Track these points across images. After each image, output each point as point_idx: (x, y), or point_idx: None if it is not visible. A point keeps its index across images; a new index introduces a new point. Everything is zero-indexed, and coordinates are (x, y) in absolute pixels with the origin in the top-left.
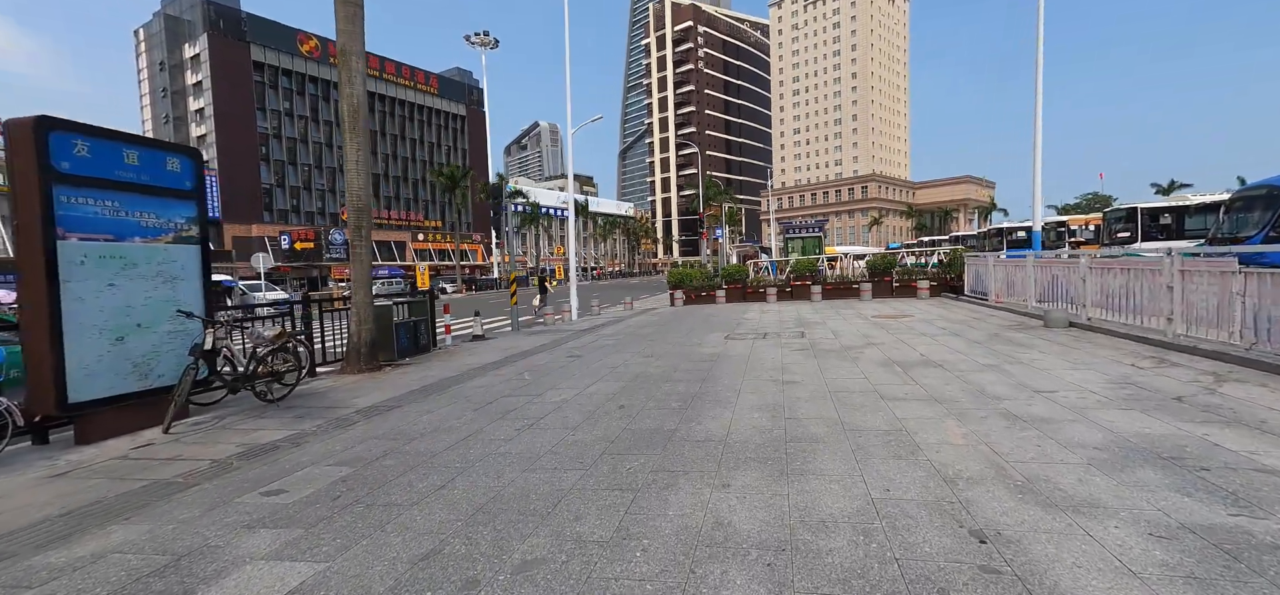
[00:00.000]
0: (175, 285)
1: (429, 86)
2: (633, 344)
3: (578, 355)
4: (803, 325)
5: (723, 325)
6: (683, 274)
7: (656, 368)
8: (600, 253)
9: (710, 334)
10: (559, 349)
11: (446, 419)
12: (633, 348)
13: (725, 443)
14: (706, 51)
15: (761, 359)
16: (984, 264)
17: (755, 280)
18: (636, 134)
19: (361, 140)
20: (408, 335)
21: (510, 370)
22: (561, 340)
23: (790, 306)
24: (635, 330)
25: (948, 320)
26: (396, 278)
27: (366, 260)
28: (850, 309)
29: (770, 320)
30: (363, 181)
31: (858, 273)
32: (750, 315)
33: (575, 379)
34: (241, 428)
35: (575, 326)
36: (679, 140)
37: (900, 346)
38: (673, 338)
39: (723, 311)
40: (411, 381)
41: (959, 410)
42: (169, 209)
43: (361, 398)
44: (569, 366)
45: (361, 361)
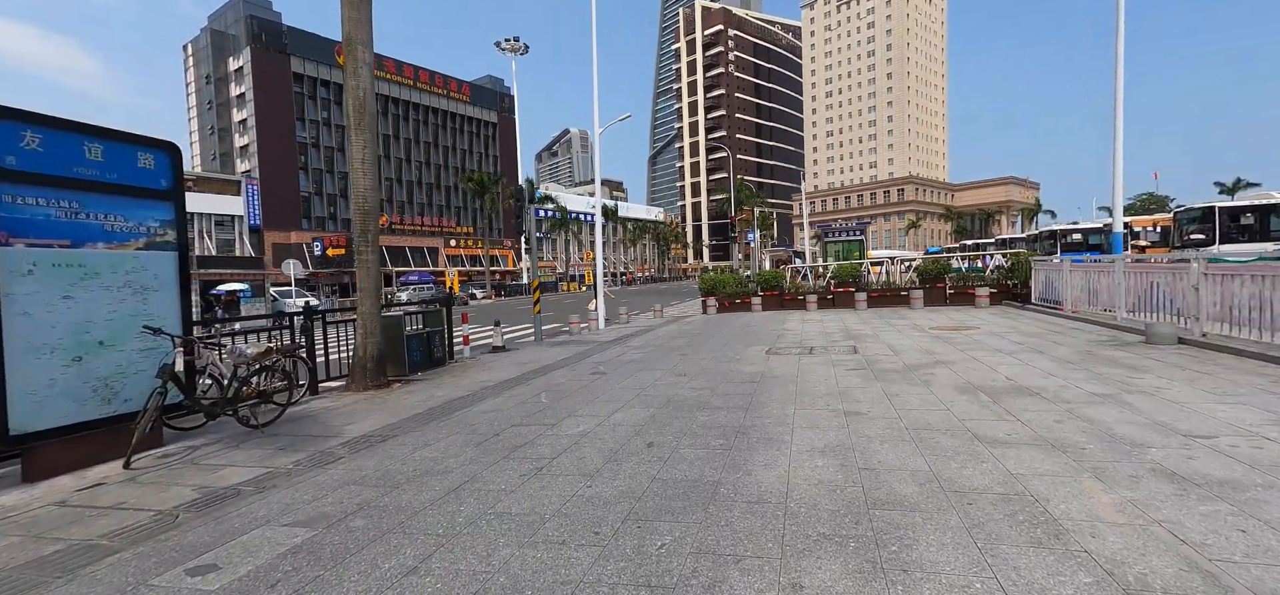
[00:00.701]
0: (146, 297)
1: (461, 94)
2: (663, 359)
3: (602, 373)
4: (852, 338)
5: (762, 337)
6: (715, 280)
7: (691, 390)
8: (629, 258)
9: (749, 347)
10: (582, 364)
11: (443, 456)
12: (663, 364)
13: (785, 506)
14: (737, 55)
15: (813, 381)
16: (1056, 269)
17: (793, 287)
18: (666, 139)
19: (368, 137)
20: (420, 348)
21: (526, 390)
22: (585, 353)
23: (833, 316)
24: (666, 342)
25: (1021, 334)
26: (427, 283)
27: (374, 267)
28: (902, 319)
29: (814, 332)
30: (370, 182)
31: (907, 278)
32: (791, 326)
33: (597, 404)
34: (211, 462)
35: (601, 337)
36: (709, 144)
37: (976, 367)
38: (707, 352)
39: (759, 321)
40: (416, 403)
41: (1092, 463)
42: (141, 211)
43: (356, 423)
44: (591, 387)
45: (367, 378)
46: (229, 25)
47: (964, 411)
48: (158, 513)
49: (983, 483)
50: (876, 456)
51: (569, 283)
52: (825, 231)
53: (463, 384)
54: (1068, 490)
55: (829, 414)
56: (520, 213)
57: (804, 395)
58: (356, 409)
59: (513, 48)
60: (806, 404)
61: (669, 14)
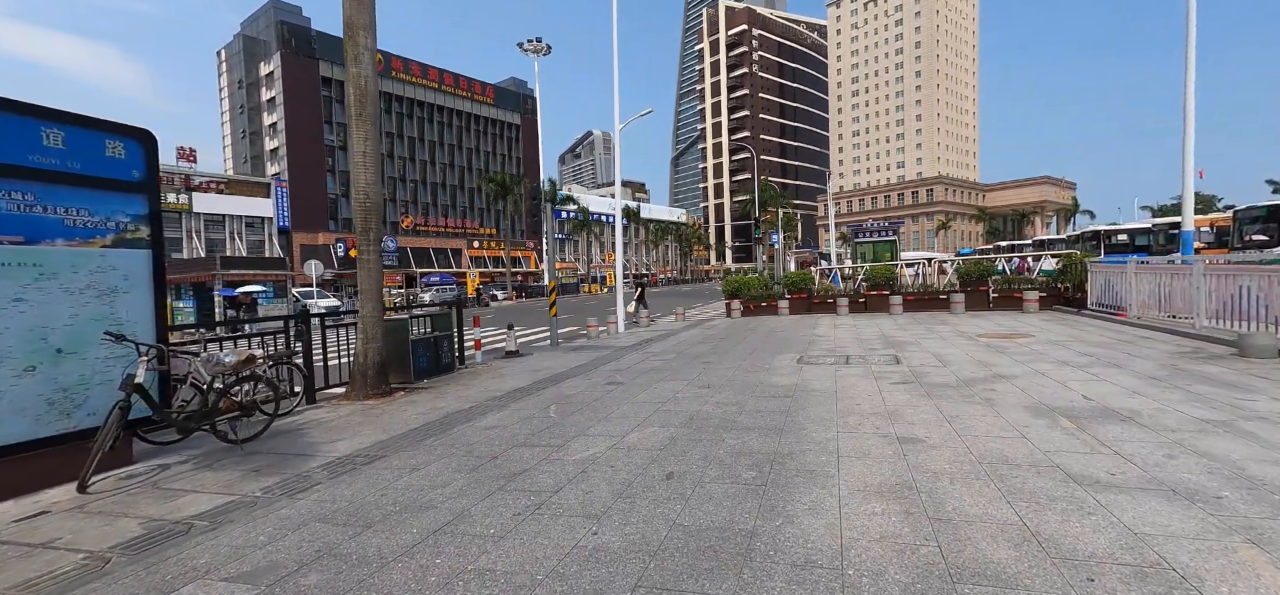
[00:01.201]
0: (114, 300)
1: (485, 97)
2: (685, 367)
3: (618, 383)
4: (893, 346)
5: (791, 343)
6: (740, 282)
7: (716, 406)
8: (651, 259)
9: (779, 355)
10: (597, 372)
11: (429, 486)
12: (685, 373)
13: (841, 574)
14: (761, 55)
15: (856, 396)
16: (1117, 272)
17: (822, 290)
18: (689, 140)
19: (370, 129)
20: (427, 353)
21: (535, 402)
22: (602, 360)
23: (867, 321)
24: (688, 347)
25: (1087, 343)
26: (448, 284)
27: (375, 268)
28: (944, 325)
29: (847, 337)
30: (372, 176)
31: (946, 281)
32: (822, 331)
33: (611, 421)
34: (175, 486)
35: (619, 342)
36: (732, 145)
37: (1044, 382)
38: (733, 359)
39: (788, 325)
40: (414, 416)
41: (1241, 521)
42: (109, 204)
43: (345, 440)
44: (605, 400)
45: (367, 387)
46: (260, 31)
47: (1045, 441)
48: (88, 555)
49: (1100, 545)
50: (949, 501)
51: (591, 284)
52: (856, 232)
53: (468, 394)
54: (1222, 564)
55: (879, 440)
56: (536, 209)
57: (847, 415)
58: (350, 422)
59: (535, 49)
60: (851, 426)
61: (692, 16)
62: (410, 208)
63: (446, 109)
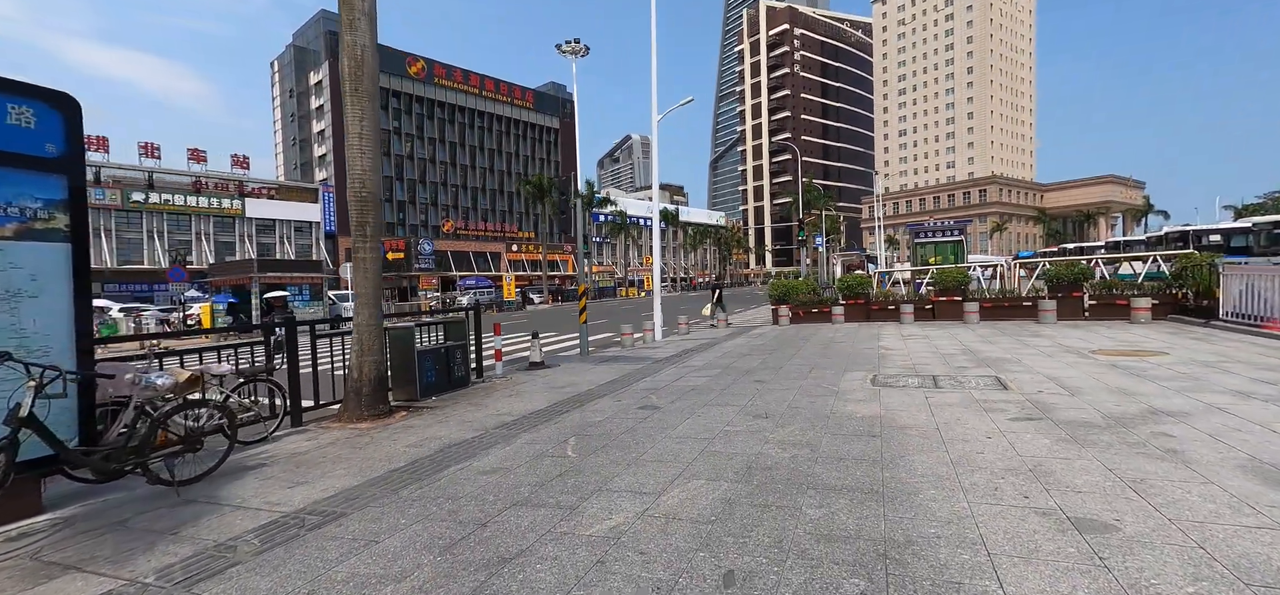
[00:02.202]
0: (17, 305)
1: (525, 101)
2: (735, 387)
3: (653, 406)
4: (985, 364)
5: (856, 358)
6: (788, 286)
7: (781, 447)
8: (690, 263)
9: (846, 373)
10: (630, 390)
11: (380, 578)
12: (735, 394)
13: None
14: (803, 54)
15: (971, 439)
16: (1265, 274)
17: (882, 295)
18: (728, 143)
19: (367, 105)
20: (436, 366)
21: (551, 434)
22: (635, 374)
23: (941, 331)
24: (734, 360)
25: (1248, 364)
26: (485, 288)
27: (373, 268)
28: (1039, 337)
29: (922, 351)
30: (369, 162)
31: (1030, 285)
32: (889, 343)
33: (643, 466)
34: (54, 558)
35: (656, 351)
36: (773, 147)
37: (1233, 423)
38: (790, 377)
39: (845, 335)
40: (402, 448)
41: None
42: (12, 184)
43: (306, 485)
44: (637, 431)
45: (362, 407)
46: (310, 41)
47: None
48: None
49: None
50: None
51: (628, 288)
52: (916, 232)
53: (476, 417)
54: None
55: (1042, 523)
56: (565, 206)
57: (971, 469)
58: (326, 455)
59: (573, 50)
60: (986, 491)
61: (732, 17)
62: (451, 212)
63: (487, 114)
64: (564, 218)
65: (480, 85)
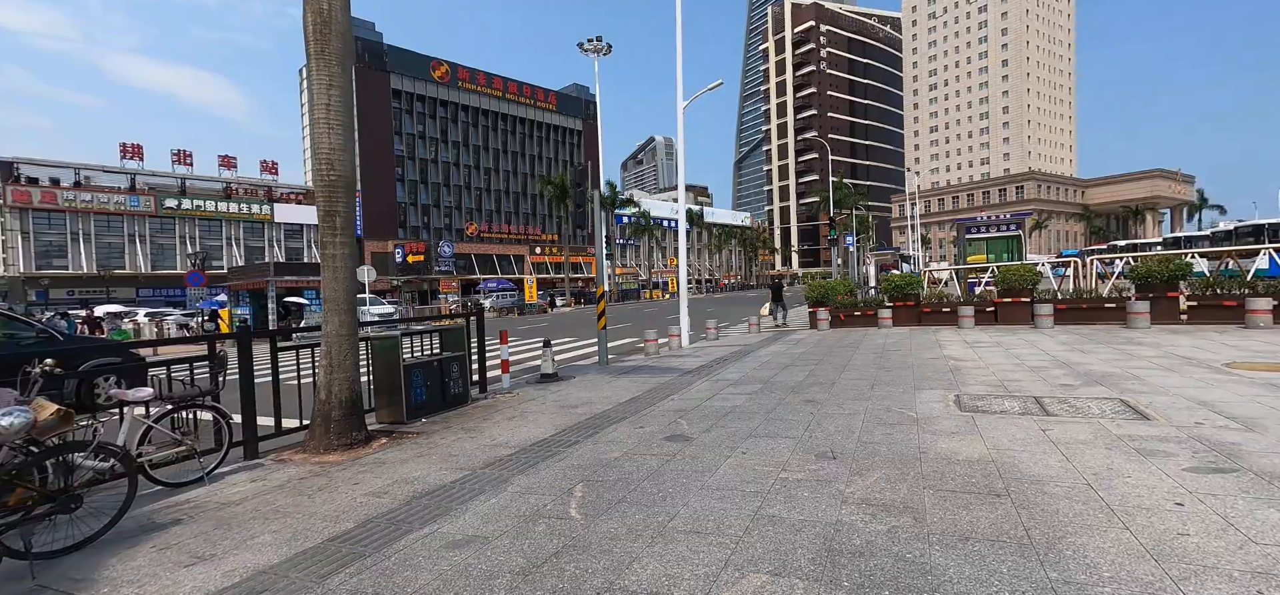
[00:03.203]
0: None
1: (548, 103)
2: (783, 410)
3: (683, 437)
4: (1094, 381)
5: (921, 370)
6: (826, 287)
7: (868, 513)
8: (715, 264)
9: (918, 392)
10: (654, 413)
11: None
12: (785, 419)
13: None
14: (829, 51)
15: (1152, 506)
16: None
17: (935, 296)
18: (752, 143)
19: (336, 71)
20: (428, 382)
21: (550, 477)
22: (660, 389)
23: (1014, 337)
24: (775, 372)
25: None
26: (506, 290)
27: (345, 267)
28: (1139, 345)
29: (1002, 363)
30: (339, 138)
31: (1111, 285)
32: (955, 352)
33: (674, 540)
34: None
35: (684, 359)
36: (798, 146)
37: None
38: (850, 396)
39: (898, 341)
40: (360, 498)
41: None
42: None
43: (207, 564)
44: (664, 477)
45: (331, 434)
46: None
47: None
48: None
49: None
50: None
51: (653, 290)
52: (967, 228)
53: (465, 450)
54: None
55: None
56: (581, 200)
57: (1185, 566)
58: (258, 510)
59: (595, 48)
60: None
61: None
62: (474, 215)
63: (510, 116)
64: (580, 212)
65: (503, 88)
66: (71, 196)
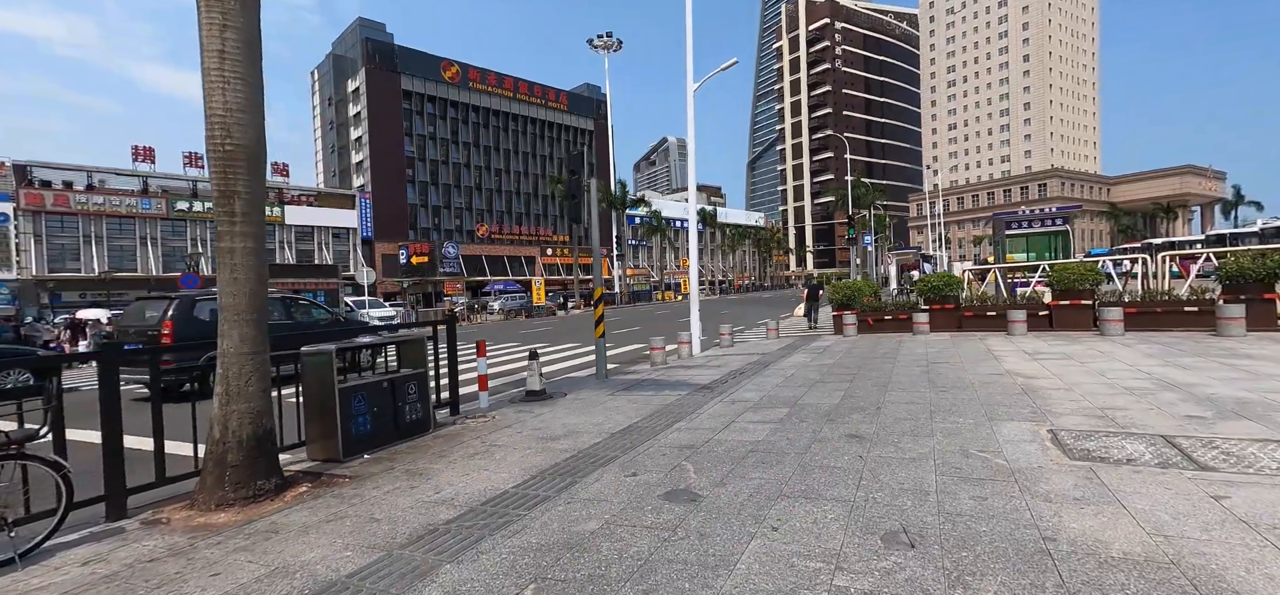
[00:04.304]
0: None
1: (559, 103)
2: (818, 449)
3: (690, 495)
4: (1228, 412)
5: (982, 389)
6: (853, 288)
7: None
8: (728, 265)
9: (996, 424)
10: (652, 450)
11: None
12: (825, 468)
13: None
14: (844, 48)
15: None
16: None
17: (978, 298)
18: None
19: (231, 6)
20: (376, 408)
21: (494, 565)
22: (664, 413)
23: (1081, 347)
24: (802, 389)
25: None
26: (513, 292)
27: (248, 264)
28: (1249, 358)
29: (1086, 381)
30: (238, 96)
31: (1190, 285)
32: (1017, 365)
33: None
34: None
35: (695, 372)
36: (813, 145)
37: None
38: (906, 429)
39: (942, 351)
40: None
41: None
42: None
43: None
44: (654, 571)
45: (227, 484)
46: (348, 49)
47: None
48: None
49: None
50: None
51: (665, 291)
52: (1007, 223)
53: (390, 515)
54: None
55: None
56: (575, 190)
57: None
58: None
59: (606, 44)
60: None
61: (770, 14)
62: (485, 216)
63: (521, 117)
64: (574, 204)
65: (514, 88)
66: (84, 199)
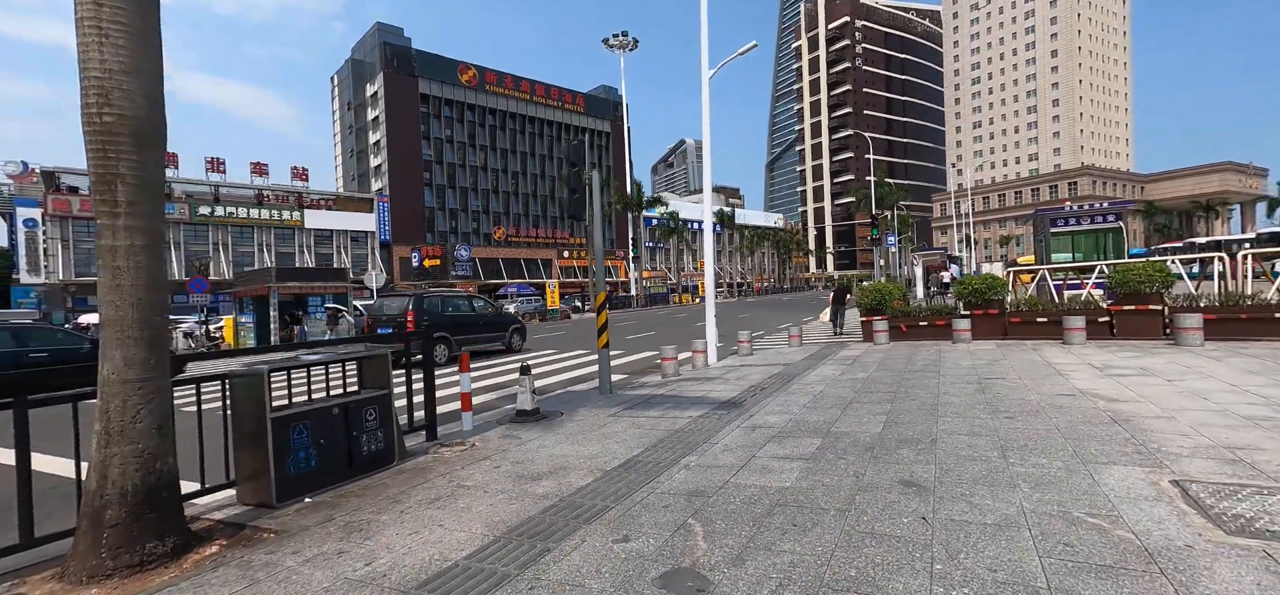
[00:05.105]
0: None
1: (576, 105)
2: (867, 503)
3: (697, 583)
4: None
5: (1057, 416)
6: (883, 291)
7: None
8: (747, 267)
9: (1095, 470)
10: (652, 500)
11: None
12: (880, 539)
13: None
14: (865, 47)
15: None
16: None
17: (1028, 303)
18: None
19: None
20: (322, 440)
21: None
22: (671, 445)
23: (1160, 360)
24: (835, 412)
25: None
26: (527, 295)
27: (137, 266)
28: None
29: (1187, 405)
30: (117, 56)
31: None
32: (1088, 382)
33: None
34: None
35: (710, 386)
36: (833, 145)
37: None
38: (977, 475)
39: (990, 362)
40: None
41: None
42: None
43: None
44: None
45: (104, 549)
46: (366, 54)
47: None
48: None
49: None
50: None
51: (682, 294)
52: (1052, 220)
53: (312, 587)
54: None
55: None
56: (576, 184)
57: None
58: None
59: (621, 43)
60: None
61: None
62: (502, 219)
63: (538, 120)
64: (575, 200)
65: (531, 91)
66: None
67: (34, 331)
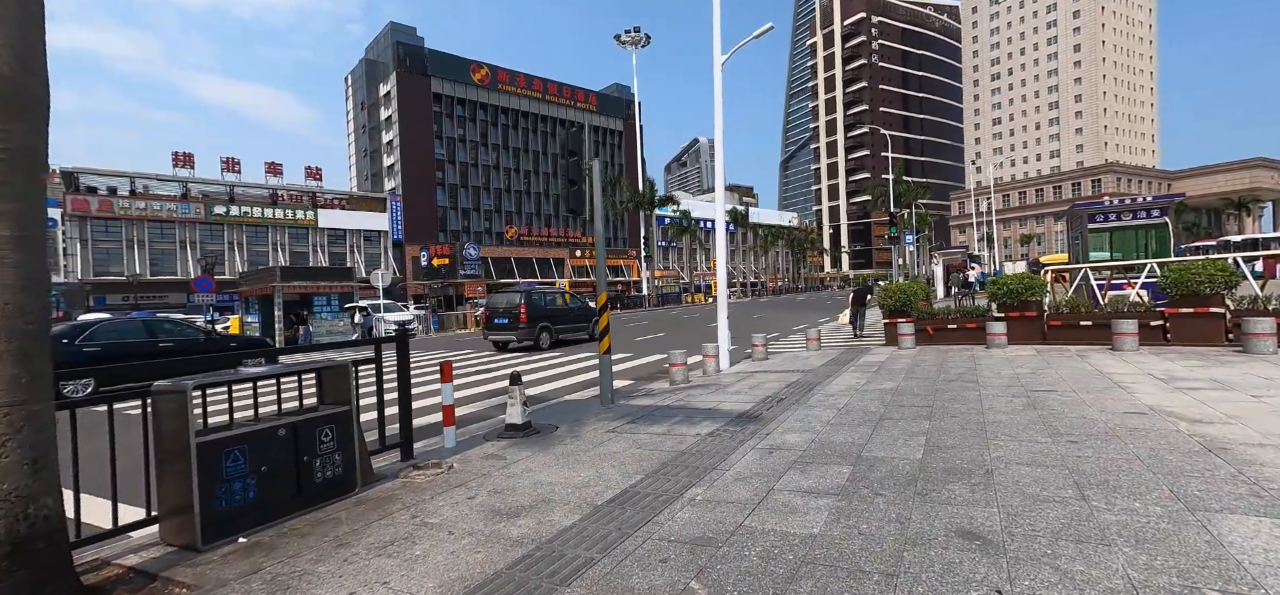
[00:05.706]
0: None
1: (588, 104)
2: (919, 566)
3: None
4: None
5: (1129, 438)
6: (907, 292)
7: None
8: (761, 267)
9: (1212, 520)
10: (650, 543)
11: None
12: None
13: None
14: (881, 43)
15: None
16: None
17: (1067, 304)
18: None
19: None
20: (264, 466)
21: None
22: (675, 472)
23: (1234, 371)
24: (866, 434)
25: None
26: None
27: (6, 260)
28: None
29: None
30: None
31: None
32: (1153, 396)
33: None
34: None
35: (721, 396)
36: (849, 143)
37: None
38: (1056, 522)
39: (1033, 370)
40: None
41: None
42: None
43: None
44: None
45: None
46: (380, 53)
47: None
48: None
49: None
50: None
51: (695, 293)
52: (1090, 216)
53: None
54: None
55: None
56: (576, 175)
57: None
58: None
59: (633, 40)
60: None
61: (802, 11)
62: (515, 218)
63: (550, 118)
64: (576, 192)
65: (543, 89)
66: (127, 204)
67: (162, 324)
